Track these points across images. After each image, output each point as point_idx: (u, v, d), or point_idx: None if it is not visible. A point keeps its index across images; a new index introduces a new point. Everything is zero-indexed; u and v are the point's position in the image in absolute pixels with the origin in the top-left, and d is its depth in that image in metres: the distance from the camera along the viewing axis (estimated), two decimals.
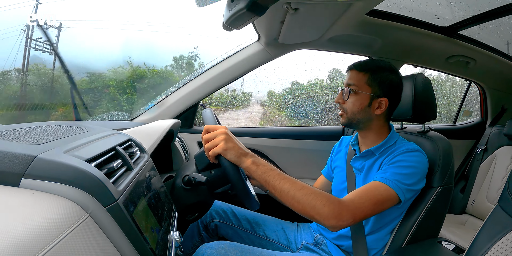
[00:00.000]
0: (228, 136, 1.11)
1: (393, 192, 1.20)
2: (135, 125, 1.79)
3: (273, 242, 1.62)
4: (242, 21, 1.20)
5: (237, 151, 1.11)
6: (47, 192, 0.62)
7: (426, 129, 1.62)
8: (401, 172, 1.25)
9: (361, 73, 1.41)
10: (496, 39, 2.28)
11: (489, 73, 2.72)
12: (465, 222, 2.69)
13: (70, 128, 1.05)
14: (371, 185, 1.24)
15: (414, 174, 1.26)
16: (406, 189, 1.23)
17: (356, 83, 1.40)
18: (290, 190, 1.09)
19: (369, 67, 1.41)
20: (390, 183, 1.21)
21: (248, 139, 2.36)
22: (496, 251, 0.91)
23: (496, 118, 3.03)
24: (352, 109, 1.41)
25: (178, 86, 2.24)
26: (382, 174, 1.27)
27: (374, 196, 1.18)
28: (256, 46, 2.17)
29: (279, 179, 1.11)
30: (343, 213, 1.09)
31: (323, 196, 1.10)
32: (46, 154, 0.67)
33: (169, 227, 1.04)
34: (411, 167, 1.27)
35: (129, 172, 0.89)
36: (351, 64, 1.46)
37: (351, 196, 1.19)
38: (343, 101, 1.44)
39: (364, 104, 1.40)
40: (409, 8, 1.89)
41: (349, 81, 1.42)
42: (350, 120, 1.44)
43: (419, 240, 1.39)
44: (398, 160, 1.29)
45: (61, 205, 0.59)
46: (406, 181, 1.23)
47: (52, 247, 0.48)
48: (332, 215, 1.07)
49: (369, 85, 1.40)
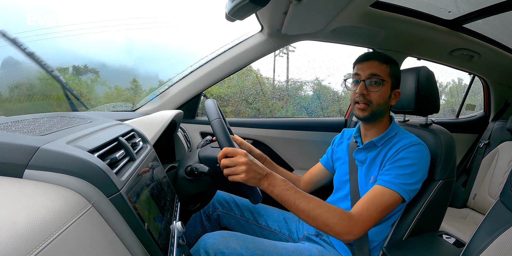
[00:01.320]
0: (249, 165, 1.13)
1: (398, 195, 1.24)
2: (137, 115, 1.79)
3: (275, 232, 1.63)
4: (245, 11, 1.19)
5: (256, 179, 1.14)
6: (50, 183, 0.63)
7: (429, 122, 1.62)
8: (404, 172, 1.27)
9: (384, 65, 1.39)
10: (500, 33, 2.26)
11: (493, 67, 2.70)
12: (466, 216, 2.69)
13: (72, 119, 1.05)
14: (377, 192, 1.26)
15: (417, 171, 1.28)
16: (410, 189, 1.26)
17: (381, 74, 1.39)
18: (305, 209, 1.15)
19: (387, 60, 1.41)
20: (394, 187, 1.25)
21: (251, 129, 2.36)
22: (496, 246, 0.91)
23: (500, 112, 3.01)
24: (378, 101, 1.40)
25: (181, 77, 2.23)
26: (385, 177, 1.29)
27: (381, 205, 1.23)
28: (259, 37, 2.16)
29: (294, 199, 1.15)
30: (354, 229, 1.17)
31: (336, 214, 1.16)
32: (49, 145, 0.67)
33: (172, 217, 1.05)
34: (414, 165, 1.28)
35: (131, 162, 0.89)
36: (368, 54, 1.44)
37: (359, 209, 1.23)
38: (368, 92, 1.40)
39: (387, 95, 1.41)
40: (414, 0, 1.87)
41: (373, 71, 1.39)
42: (373, 112, 1.41)
43: (420, 233, 1.40)
44: (400, 158, 1.31)
45: (64, 195, 0.60)
46: (410, 180, 1.26)
47: (55, 238, 0.48)
48: (345, 232, 1.16)
49: (390, 77, 1.40)
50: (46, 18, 1.83)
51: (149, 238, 0.75)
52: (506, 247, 0.89)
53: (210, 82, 2.20)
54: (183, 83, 2.20)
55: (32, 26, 1.78)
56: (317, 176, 1.79)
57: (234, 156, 1.13)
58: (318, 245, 1.48)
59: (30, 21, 1.78)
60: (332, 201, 1.61)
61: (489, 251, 0.92)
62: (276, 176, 1.18)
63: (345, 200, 1.53)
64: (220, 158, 1.15)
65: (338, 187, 1.61)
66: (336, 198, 1.59)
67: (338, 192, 1.60)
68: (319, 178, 1.78)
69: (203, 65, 2.21)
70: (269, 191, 1.16)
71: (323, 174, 1.78)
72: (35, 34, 1.78)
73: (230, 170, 1.13)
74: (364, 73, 1.40)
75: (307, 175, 1.82)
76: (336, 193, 1.62)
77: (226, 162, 1.13)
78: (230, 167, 1.13)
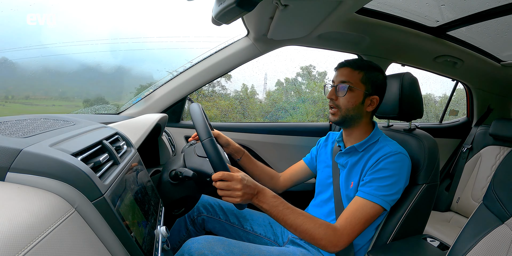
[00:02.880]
0: (244, 190, 1.17)
1: (380, 206, 1.30)
2: (122, 118, 1.77)
3: (260, 237, 1.63)
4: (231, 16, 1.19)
5: (248, 199, 1.21)
6: (33, 186, 0.62)
7: (413, 127, 1.64)
8: (384, 184, 1.31)
9: (356, 71, 1.43)
10: (483, 40, 2.31)
11: (476, 73, 2.76)
12: (450, 219, 2.73)
13: (56, 121, 1.04)
14: (358, 205, 1.31)
15: (397, 181, 1.33)
16: (391, 199, 1.32)
17: (352, 80, 1.42)
18: (292, 225, 1.23)
19: (363, 66, 1.44)
20: (375, 199, 1.30)
21: (236, 134, 2.36)
22: (480, 249, 0.93)
23: (482, 118, 3.08)
24: (346, 106, 1.43)
25: (166, 80, 2.22)
26: (367, 189, 1.33)
27: (363, 217, 1.28)
28: (245, 41, 2.16)
29: (283, 215, 1.23)
30: (339, 242, 1.25)
31: (322, 230, 1.24)
32: (32, 148, 0.66)
33: (156, 221, 1.04)
34: (394, 176, 1.32)
35: (115, 166, 0.88)
36: (343, 61, 1.48)
37: (343, 222, 1.29)
38: (336, 98, 1.45)
39: (358, 101, 1.43)
40: (399, 8, 1.90)
41: (343, 78, 1.43)
42: (343, 117, 1.46)
43: (404, 236, 1.42)
44: (380, 169, 1.34)
45: (47, 199, 0.59)
46: (391, 191, 1.31)
47: (38, 242, 0.47)
48: (330, 245, 1.24)
49: (363, 83, 1.43)
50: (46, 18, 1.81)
51: (133, 243, 0.74)
52: (490, 249, 0.90)
53: (195, 86, 2.19)
54: (168, 86, 2.18)
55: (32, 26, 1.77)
56: (298, 174, 1.82)
57: (230, 181, 1.16)
58: (303, 248, 1.49)
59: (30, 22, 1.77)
60: (315, 204, 1.63)
61: (473, 253, 0.94)
62: (266, 193, 1.23)
63: (329, 202, 1.54)
64: (215, 179, 1.17)
65: (321, 190, 1.63)
66: (319, 201, 1.61)
67: (321, 195, 1.62)
68: (300, 176, 1.82)
69: (188, 68, 2.20)
70: (259, 206, 1.23)
71: (304, 173, 1.81)
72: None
73: (225, 193, 1.17)
74: (337, 79, 1.46)
75: (287, 172, 1.85)
76: (319, 196, 1.64)
77: (222, 186, 1.16)
78: (225, 190, 1.17)
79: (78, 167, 0.66)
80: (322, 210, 1.56)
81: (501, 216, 0.92)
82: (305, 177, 1.82)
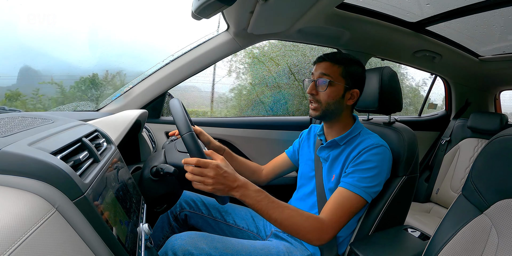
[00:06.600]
0: (216, 179, 1.13)
1: (362, 198, 1.30)
2: (101, 115, 1.75)
3: (243, 230, 1.64)
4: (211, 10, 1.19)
5: (223, 190, 1.16)
6: (12, 186, 0.60)
7: (392, 120, 1.66)
8: (367, 175, 1.32)
9: (335, 65, 1.43)
10: (461, 35, 2.36)
11: (454, 68, 2.83)
12: (430, 210, 2.79)
13: (34, 119, 1.02)
14: (343, 196, 1.31)
15: (379, 173, 1.34)
16: (373, 191, 1.33)
17: (331, 75, 1.42)
18: (277, 219, 1.20)
19: (342, 60, 1.43)
20: (358, 191, 1.30)
21: (216, 129, 2.35)
22: (460, 238, 0.95)
23: (460, 111, 3.15)
24: (327, 100, 1.44)
25: (145, 76, 2.20)
26: (349, 180, 1.34)
27: (348, 209, 1.29)
28: (224, 36, 2.15)
29: (267, 209, 1.19)
30: (324, 235, 1.24)
31: (308, 224, 1.22)
32: (10, 147, 0.64)
33: (138, 219, 1.03)
34: (376, 168, 1.33)
35: (96, 164, 0.87)
36: (322, 56, 1.48)
37: (328, 214, 1.28)
38: (317, 92, 1.45)
39: (339, 95, 1.44)
40: (379, 3, 1.92)
41: (323, 72, 1.43)
42: (324, 111, 1.46)
43: (386, 227, 1.44)
44: (363, 161, 1.35)
45: (27, 199, 0.58)
46: (373, 183, 1.32)
47: (20, 244, 0.47)
48: (316, 239, 1.23)
49: (343, 77, 1.43)
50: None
51: (116, 242, 0.73)
52: (469, 239, 0.93)
53: (175, 81, 2.17)
54: (147, 82, 2.16)
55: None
56: (280, 167, 1.83)
57: (205, 167, 1.13)
58: (286, 241, 1.50)
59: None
60: (297, 197, 1.65)
61: (454, 242, 0.96)
62: (249, 187, 1.20)
63: (311, 195, 1.56)
64: (187, 162, 1.15)
65: (303, 183, 1.65)
66: (301, 195, 1.62)
67: (303, 188, 1.63)
68: (283, 169, 1.83)
69: (167, 63, 2.18)
70: (243, 201, 1.19)
71: (287, 165, 1.83)
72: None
73: (194, 178, 1.13)
74: (316, 73, 1.46)
75: (270, 165, 1.86)
76: (301, 189, 1.65)
77: (195, 172, 1.13)
78: (196, 176, 1.13)
79: (58, 166, 0.65)
80: (305, 203, 1.57)
81: (479, 206, 0.94)
82: (287, 169, 1.83)
